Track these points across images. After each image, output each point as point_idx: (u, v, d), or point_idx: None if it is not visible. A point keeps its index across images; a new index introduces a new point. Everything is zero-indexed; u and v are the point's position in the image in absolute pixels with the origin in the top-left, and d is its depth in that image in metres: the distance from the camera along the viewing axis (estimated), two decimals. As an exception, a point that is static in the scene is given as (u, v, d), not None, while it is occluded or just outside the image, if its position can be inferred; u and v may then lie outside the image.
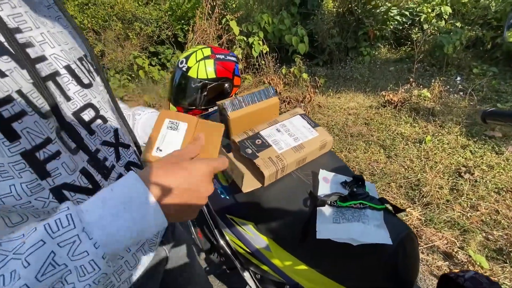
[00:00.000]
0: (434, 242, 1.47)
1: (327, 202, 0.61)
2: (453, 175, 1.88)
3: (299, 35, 4.11)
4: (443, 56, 3.47)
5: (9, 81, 0.30)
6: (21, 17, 0.34)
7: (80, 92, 0.40)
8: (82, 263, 0.28)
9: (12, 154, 0.30)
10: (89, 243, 0.28)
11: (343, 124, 2.78)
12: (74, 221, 0.28)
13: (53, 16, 0.41)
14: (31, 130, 0.31)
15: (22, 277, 0.25)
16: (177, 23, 5.40)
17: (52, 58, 0.37)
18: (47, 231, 0.27)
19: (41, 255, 0.26)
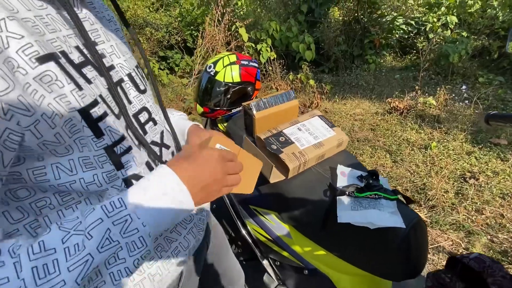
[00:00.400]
0: (439, 243, 1.53)
1: (345, 193, 0.68)
2: (458, 180, 1.94)
3: (306, 42, 4.21)
4: (448, 65, 3.55)
5: (93, 87, 0.36)
6: (97, 32, 0.41)
7: (138, 97, 0.45)
8: (133, 239, 0.32)
9: (98, 148, 0.36)
10: (138, 222, 0.33)
11: (349, 129, 2.85)
12: (125, 203, 0.33)
13: (113, 29, 0.47)
14: (111, 129, 0.37)
15: (87, 247, 0.30)
16: (187, 29, 5.55)
17: (118, 67, 0.43)
18: (103, 211, 0.32)
19: (101, 230, 0.31)
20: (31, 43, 0.29)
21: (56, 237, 0.30)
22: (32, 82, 0.29)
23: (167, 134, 0.53)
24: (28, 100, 0.28)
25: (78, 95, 0.33)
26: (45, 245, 0.29)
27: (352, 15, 4.61)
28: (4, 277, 0.26)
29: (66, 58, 0.33)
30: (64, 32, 0.35)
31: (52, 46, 0.32)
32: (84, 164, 0.35)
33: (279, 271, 0.90)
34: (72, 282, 0.28)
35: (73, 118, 0.32)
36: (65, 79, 0.32)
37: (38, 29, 0.31)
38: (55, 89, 0.31)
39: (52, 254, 0.28)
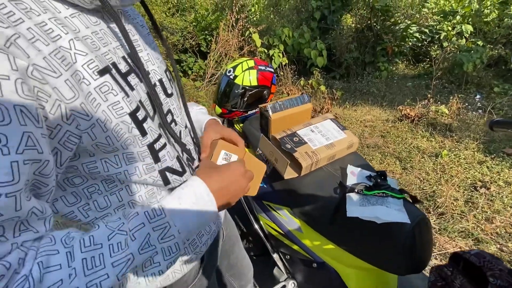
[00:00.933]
0: (447, 250, 1.54)
1: (355, 190, 0.73)
2: (469, 189, 1.93)
3: (318, 49, 4.27)
4: (462, 74, 3.53)
5: (135, 93, 0.40)
6: (137, 42, 0.45)
7: (165, 100, 0.49)
8: (169, 245, 0.36)
9: (142, 145, 0.41)
10: (175, 229, 0.37)
11: (359, 135, 2.87)
12: (164, 211, 0.37)
13: (145, 33, 0.51)
14: (152, 128, 0.42)
15: (130, 247, 0.33)
16: (201, 34, 5.69)
17: (152, 73, 0.47)
18: (146, 217, 0.36)
19: (142, 234, 0.34)
20: (93, 59, 0.35)
21: (103, 234, 0.33)
22: (93, 92, 0.34)
23: (185, 133, 0.57)
24: (88, 107, 0.34)
25: (127, 101, 0.38)
26: (94, 240, 0.32)
27: (365, 23, 4.64)
28: (57, 264, 0.29)
29: (116, 69, 0.38)
30: (114, 44, 0.40)
31: (105, 59, 0.37)
32: (127, 159, 0.41)
33: (288, 264, 0.94)
34: (114, 277, 0.31)
35: (124, 122, 0.37)
36: (117, 88, 0.37)
37: (95, 45, 0.37)
38: (109, 98, 0.36)
39: (99, 249, 0.32)
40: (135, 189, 0.45)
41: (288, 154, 0.83)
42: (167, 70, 0.54)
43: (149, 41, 0.51)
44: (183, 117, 0.57)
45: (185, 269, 0.54)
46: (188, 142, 0.58)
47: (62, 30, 0.33)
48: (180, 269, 0.53)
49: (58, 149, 0.33)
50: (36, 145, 0.29)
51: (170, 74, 0.55)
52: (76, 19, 0.36)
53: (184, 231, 0.38)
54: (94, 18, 0.38)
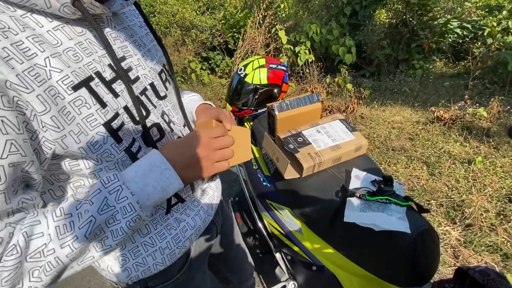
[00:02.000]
0: (471, 264, 1.42)
1: (356, 194, 0.70)
2: (503, 200, 1.76)
3: (346, 45, 4.11)
4: (506, 74, 3.19)
5: (120, 100, 0.43)
6: (126, 48, 0.47)
7: (158, 102, 0.51)
8: (124, 205, 0.40)
9: (120, 151, 0.44)
10: (127, 191, 0.40)
11: (385, 137, 2.73)
12: (118, 177, 0.40)
13: (143, 34, 0.52)
14: (127, 134, 0.44)
15: (90, 211, 0.38)
16: (229, 31, 5.76)
17: (143, 78, 0.48)
18: (102, 184, 0.40)
19: (99, 198, 0.39)
20: (68, 75, 0.37)
21: (72, 205, 0.39)
22: (67, 106, 0.37)
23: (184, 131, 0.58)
24: (60, 120, 0.36)
25: (102, 112, 0.40)
26: (64, 211, 0.38)
27: (399, 18, 4.37)
28: (40, 232, 0.36)
29: (100, 77, 0.41)
30: (100, 53, 0.42)
31: (88, 69, 0.39)
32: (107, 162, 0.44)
33: (290, 265, 0.94)
34: (82, 236, 0.37)
35: (98, 133, 0.40)
36: (92, 101, 0.39)
37: (77, 56, 0.39)
38: (83, 111, 0.38)
39: (69, 217, 0.37)
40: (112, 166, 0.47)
41: (291, 154, 0.82)
42: (163, 72, 0.55)
43: (145, 42, 0.52)
44: (180, 116, 0.58)
45: (167, 262, 0.55)
46: None
47: (39, 48, 0.35)
48: (162, 261, 0.55)
49: (38, 150, 0.37)
50: (19, 150, 0.33)
51: (167, 73, 0.56)
52: (59, 31, 0.38)
53: (139, 194, 0.41)
54: (79, 28, 0.40)
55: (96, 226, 0.38)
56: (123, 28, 0.49)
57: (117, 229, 0.40)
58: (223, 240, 0.78)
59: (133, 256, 0.52)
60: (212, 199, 0.66)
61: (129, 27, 0.50)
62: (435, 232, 0.66)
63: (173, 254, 0.56)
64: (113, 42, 0.45)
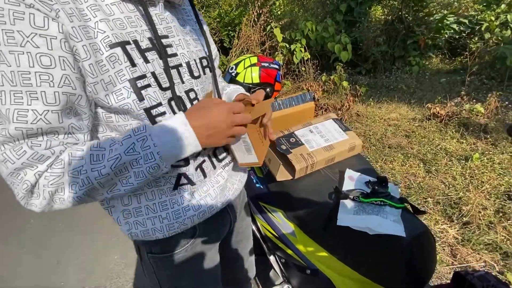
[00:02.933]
0: (469, 263, 1.40)
1: (349, 196, 0.68)
2: (501, 197, 1.75)
3: (342, 42, 4.08)
4: (505, 69, 3.18)
5: (149, 66, 0.49)
6: (170, 29, 0.54)
7: (189, 80, 0.57)
8: (147, 153, 0.46)
9: (139, 109, 0.49)
10: (151, 142, 0.46)
11: (381, 134, 2.71)
12: (146, 129, 0.47)
13: (196, 28, 0.63)
14: (151, 96, 0.50)
15: (118, 150, 0.46)
16: (224, 29, 5.71)
17: (180, 56, 0.55)
18: (133, 131, 0.47)
19: (128, 142, 0.46)
20: (108, 36, 0.45)
21: (108, 142, 0.47)
22: (104, 59, 0.44)
23: None
24: (96, 68, 0.44)
25: (130, 70, 0.47)
26: (100, 145, 0.46)
27: (395, 14, 4.35)
28: (81, 156, 0.45)
29: (136, 44, 0.48)
30: (144, 27, 0.50)
31: (127, 36, 0.47)
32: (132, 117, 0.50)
33: (284, 268, 0.92)
34: (108, 168, 0.45)
35: (125, 87, 0.47)
36: (123, 59, 0.46)
37: (122, 25, 0.47)
38: (116, 66, 0.45)
39: (102, 150, 0.46)
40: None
41: (283, 155, 0.79)
42: (205, 59, 0.62)
43: (194, 33, 0.61)
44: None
45: (165, 232, 0.58)
46: None
47: (93, 14, 0.44)
48: (160, 229, 0.58)
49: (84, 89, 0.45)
50: (71, 84, 0.42)
51: (207, 61, 0.63)
52: (115, 6, 0.47)
53: (161, 146, 0.47)
54: (132, 6, 0.49)
55: (121, 163, 0.45)
56: (177, 18, 0.57)
57: (139, 171, 0.47)
58: (234, 234, 0.76)
59: (135, 214, 0.58)
60: (224, 190, 0.66)
61: (182, 19, 0.59)
62: (431, 234, 0.64)
63: (172, 227, 0.58)
64: (159, 22, 0.52)
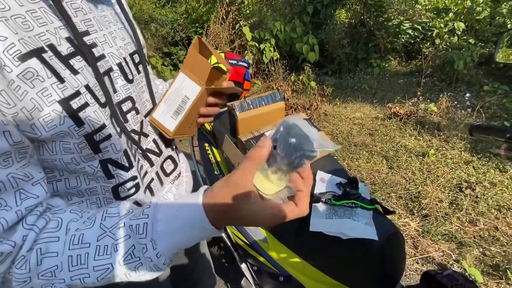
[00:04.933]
0: (430, 253, 1.50)
1: (321, 200, 0.66)
2: (454, 190, 1.90)
3: (310, 43, 4.18)
4: (453, 72, 3.49)
5: (80, 77, 0.38)
6: (90, 21, 0.42)
7: (125, 86, 0.46)
8: (151, 266, 0.34)
9: (79, 137, 0.38)
10: (153, 252, 0.33)
11: (347, 133, 2.81)
12: (146, 231, 0.34)
13: (117, 11, 0.49)
14: (92, 118, 0.39)
15: (112, 257, 0.34)
16: (192, 26, 5.54)
17: (109, 56, 0.44)
18: (131, 230, 0.34)
19: (127, 245, 0.34)
20: (14, 43, 0.31)
21: (93, 232, 0.34)
22: (16, 79, 0.32)
23: (146, 122, 0.54)
24: (10, 95, 0.32)
25: (59, 87, 0.35)
26: (82, 238, 0.34)
27: (358, 18, 4.56)
28: (55, 252, 0.33)
29: (54, 51, 0.35)
30: (56, 24, 0.37)
31: (39, 40, 0.34)
32: (63, 149, 0.38)
33: (256, 276, 0.88)
34: (94, 278, 0.34)
35: (55, 111, 0.35)
36: (45, 74, 0.34)
37: (27, 25, 0.33)
38: (37, 84, 0.33)
39: (86, 248, 0.34)
40: (74, 184, 0.43)
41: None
42: (136, 53, 0.51)
43: (116, 20, 0.48)
44: (142, 103, 0.52)
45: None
46: (151, 132, 0.54)
47: None
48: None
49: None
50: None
51: (139, 56, 0.52)
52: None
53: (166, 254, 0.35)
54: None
55: (112, 274, 0.34)
56: (93, 3, 0.44)
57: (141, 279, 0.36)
58: (187, 250, 0.70)
59: None
60: None
61: (100, 1, 0.46)
62: (401, 234, 0.65)
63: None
64: (73, 14, 0.40)
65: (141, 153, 0.52)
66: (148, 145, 0.54)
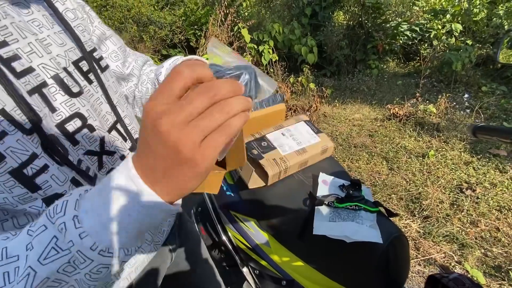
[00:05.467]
0: (431, 255, 1.49)
1: (324, 202, 0.65)
2: (455, 191, 1.90)
3: (308, 45, 4.19)
4: (451, 73, 3.50)
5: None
6: (6, 29, 0.34)
7: (68, 102, 0.39)
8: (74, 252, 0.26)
9: (1, 174, 0.31)
10: (74, 233, 0.26)
11: (347, 134, 2.81)
12: (66, 208, 0.26)
13: (47, 12, 0.41)
14: (15, 149, 0.32)
15: (28, 260, 0.26)
16: (190, 28, 5.55)
17: (40, 68, 0.37)
18: (47, 217, 0.27)
19: (44, 239, 0.26)
20: None
21: (22, 243, 0.28)
22: None
23: (112, 138, 0.47)
24: None
25: None
26: (8, 252, 0.27)
27: (356, 20, 4.58)
28: None
29: None
30: None
31: None
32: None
33: (258, 280, 0.87)
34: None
35: None
36: None
37: None
38: None
39: (14, 261, 0.27)
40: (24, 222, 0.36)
41: (255, 161, 0.75)
42: (83, 59, 0.43)
43: (51, 22, 0.40)
44: (102, 118, 0.45)
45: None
46: (118, 148, 0.47)
47: None
48: None
49: None
50: None
51: (89, 62, 0.44)
52: None
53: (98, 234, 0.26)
54: None
55: (40, 280, 0.26)
56: (15, 3, 0.37)
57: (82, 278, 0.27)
58: (188, 258, 0.69)
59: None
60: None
61: (26, 2, 0.38)
62: (405, 237, 0.64)
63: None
64: None
65: (105, 174, 0.45)
66: (115, 164, 0.47)
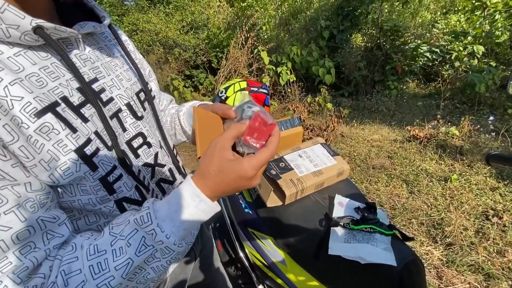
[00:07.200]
0: (455, 285, 1.42)
1: (340, 224, 0.68)
2: (480, 217, 1.81)
3: (326, 67, 4.27)
4: (474, 95, 3.42)
5: (90, 125, 0.41)
6: (98, 69, 0.46)
7: (134, 124, 0.50)
8: (161, 247, 0.39)
9: (94, 180, 0.41)
10: (162, 235, 0.38)
11: (365, 155, 2.79)
12: (151, 218, 0.38)
13: (117, 53, 0.52)
14: (104, 161, 0.42)
15: (128, 253, 0.37)
16: (212, 51, 5.85)
17: (117, 98, 0.47)
18: (136, 223, 0.39)
19: (137, 238, 0.38)
20: (30, 101, 0.35)
21: (106, 240, 0.38)
22: (33, 134, 0.35)
23: (163, 153, 0.57)
24: (29, 149, 0.35)
25: (73, 137, 0.38)
26: (97, 248, 0.38)
27: (374, 42, 4.64)
28: (78, 269, 0.36)
29: (66, 103, 0.39)
30: (67, 76, 0.40)
31: (52, 94, 0.38)
32: (81, 190, 0.41)
33: (273, 298, 0.88)
34: (119, 277, 0.36)
35: (71, 159, 0.38)
36: (60, 127, 0.37)
37: (41, 81, 0.37)
38: (52, 137, 0.36)
39: (103, 254, 0.37)
40: (93, 220, 0.46)
41: (273, 180, 0.79)
42: (141, 91, 0.54)
43: (122, 62, 0.52)
44: (156, 137, 0.56)
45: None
46: (168, 162, 0.58)
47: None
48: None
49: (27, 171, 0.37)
50: (6, 176, 0.33)
51: (144, 93, 0.55)
52: (21, 57, 0.36)
53: (176, 234, 0.39)
54: (44, 53, 0.39)
55: (134, 267, 0.37)
56: (99, 48, 0.48)
57: (158, 266, 0.40)
58: (202, 264, 0.74)
59: None
60: None
61: (106, 47, 0.50)
62: (421, 262, 0.65)
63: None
64: (82, 64, 0.43)
65: (155, 183, 0.55)
66: (163, 175, 0.57)
